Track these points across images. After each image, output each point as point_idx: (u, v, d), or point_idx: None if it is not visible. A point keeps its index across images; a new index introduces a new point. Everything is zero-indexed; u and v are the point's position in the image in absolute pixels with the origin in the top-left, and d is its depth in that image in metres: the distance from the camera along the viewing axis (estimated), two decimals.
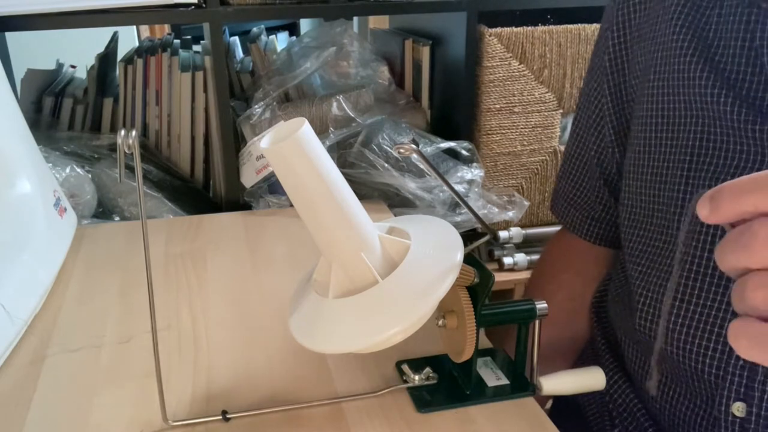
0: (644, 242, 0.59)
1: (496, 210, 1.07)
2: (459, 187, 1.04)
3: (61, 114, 1.12)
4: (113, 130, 1.12)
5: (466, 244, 0.49)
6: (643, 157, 0.59)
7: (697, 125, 0.54)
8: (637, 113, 0.61)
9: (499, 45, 1.06)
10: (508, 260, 1.17)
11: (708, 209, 0.33)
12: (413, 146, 0.48)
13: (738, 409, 0.52)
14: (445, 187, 1.01)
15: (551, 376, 0.57)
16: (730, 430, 0.53)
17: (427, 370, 0.57)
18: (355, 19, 1.71)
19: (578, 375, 0.58)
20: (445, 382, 0.56)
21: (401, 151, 0.49)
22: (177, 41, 1.18)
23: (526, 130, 1.12)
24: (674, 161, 0.56)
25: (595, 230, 0.73)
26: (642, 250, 0.59)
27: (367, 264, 0.46)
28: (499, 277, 1.15)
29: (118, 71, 1.10)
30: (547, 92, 1.10)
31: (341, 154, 1.04)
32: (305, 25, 2.23)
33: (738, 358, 0.51)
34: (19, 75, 1.16)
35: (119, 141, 0.42)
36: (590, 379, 0.58)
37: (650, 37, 0.59)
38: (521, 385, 0.56)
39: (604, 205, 0.71)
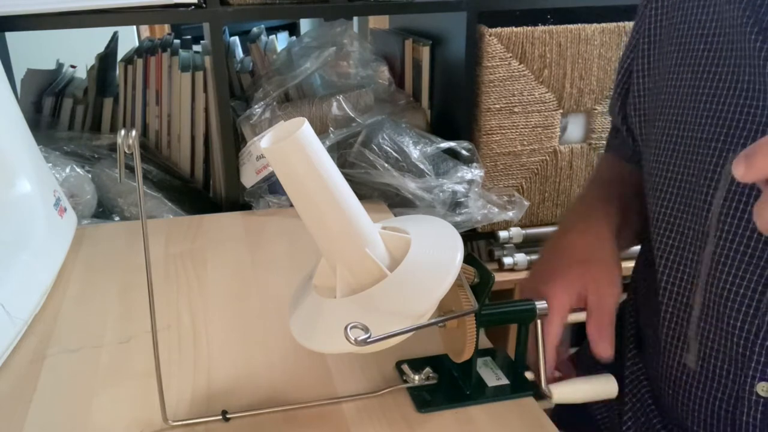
0: (671, 213, 0.59)
1: (496, 210, 1.07)
2: (459, 187, 1.04)
3: (61, 114, 1.12)
4: (113, 130, 1.12)
5: (465, 244, 0.49)
6: (677, 126, 0.59)
7: (741, 97, 0.53)
8: (674, 82, 0.60)
9: (499, 45, 1.06)
10: (508, 260, 1.17)
11: (744, 167, 0.33)
12: None
13: (763, 388, 0.52)
14: (445, 187, 1.02)
15: (562, 384, 0.56)
16: (753, 410, 0.53)
17: (427, 370, 0.57)
18: (355, 19, 1.71)
19: (590, 383, 0.57)
20: (445, 382, 0.56)
21: None
22: (177, 41, 1.18)
23: (526, 130, 1.12)
24: (710, 132, 0.55)
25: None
26: (668, 222, 0.59)
27: (372, 259, 0.46)
28: (499, 277, 1.15)
29: (118, 71, 1.10)
30: (547, 92, 1.10)
31: (341, 154, 1.04)
32: (305, 25, 2.23)
33: (766, 336, 0.51)
34: (19, 75, 1.16)
35: (119, 141, 0.42)
36: (602, 387, 0.57)
37: (700, 5, 0.58)
38: (521, 385, 0.56)
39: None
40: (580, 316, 0.60)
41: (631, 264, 1.09)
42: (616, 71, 0.71)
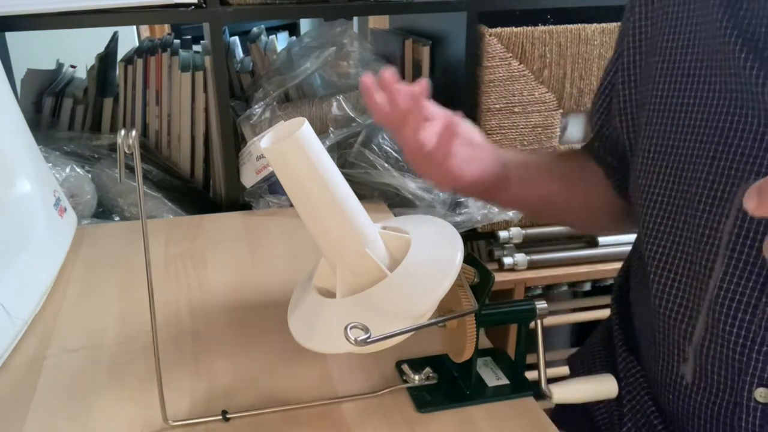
0: (663, 222, 0.59)
1: (496, 210, 1.07)
2: None
3: (61, 114, 1.11)
4: (113, 130, 1.12)
5: (465, 244, 0.49)
6: (667, 136, 0.59)
7: (731, 106, 0.53)
8: (660, 92, 0.60)
9: (499, 45, 1.06)
10: (508, 260, 1.17)
11: (756, 202, 0.33)
12: None
13: (761, 394, 0.52)
14: None
15: (562, 384, 0.56)
16: (752, 416, 0.53)
17: (427, 370, 0.57)
18: (355, 19, 1.71)
19: (590, 383, 0.57)
20: (445, 382, 0.56)
21: None
22: (177, 41, 1.18)
23: (526, 130, 1.12)
24: (702, 141, 0.55)
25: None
26: (660, 231, 0.59)
27: (372, 259, 0.46)
28: (499, 277, 1.15)
29: (118, 71, 1.10)
30: (547, 92, 1.10)
31: (341, 154, 1.04)
32: (305, 25, 2.23)
33: (763, 342, 0.51)
34: (19, 75, 1.16)
35: (119, 141, 0.42)
36: (603, 387, 0.57)
37: (684, 15, 0.58)
38: (521, 385, 0.56)
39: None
40: (579, 316, 0.60)
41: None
42: (599, 82, 0.71)
